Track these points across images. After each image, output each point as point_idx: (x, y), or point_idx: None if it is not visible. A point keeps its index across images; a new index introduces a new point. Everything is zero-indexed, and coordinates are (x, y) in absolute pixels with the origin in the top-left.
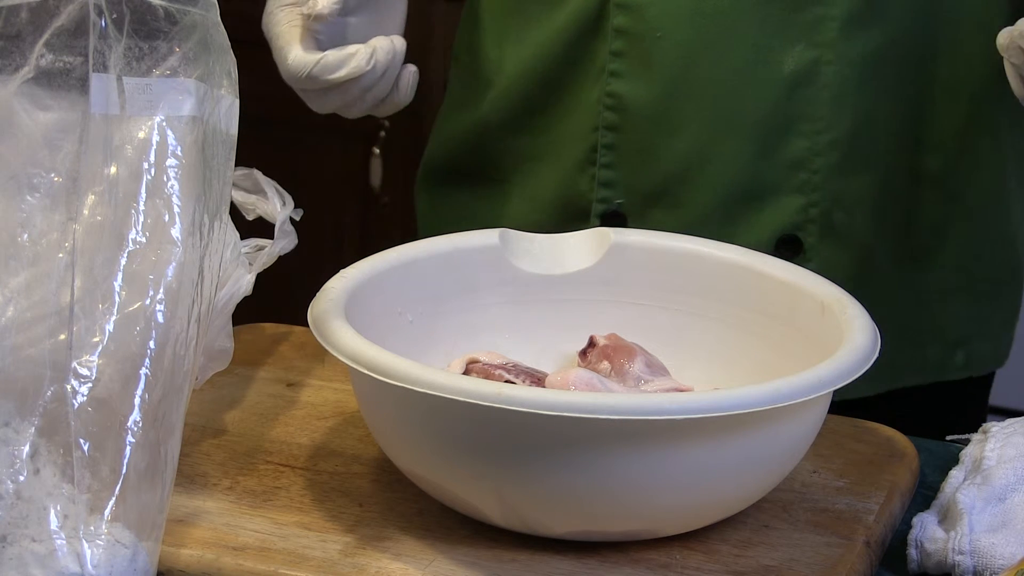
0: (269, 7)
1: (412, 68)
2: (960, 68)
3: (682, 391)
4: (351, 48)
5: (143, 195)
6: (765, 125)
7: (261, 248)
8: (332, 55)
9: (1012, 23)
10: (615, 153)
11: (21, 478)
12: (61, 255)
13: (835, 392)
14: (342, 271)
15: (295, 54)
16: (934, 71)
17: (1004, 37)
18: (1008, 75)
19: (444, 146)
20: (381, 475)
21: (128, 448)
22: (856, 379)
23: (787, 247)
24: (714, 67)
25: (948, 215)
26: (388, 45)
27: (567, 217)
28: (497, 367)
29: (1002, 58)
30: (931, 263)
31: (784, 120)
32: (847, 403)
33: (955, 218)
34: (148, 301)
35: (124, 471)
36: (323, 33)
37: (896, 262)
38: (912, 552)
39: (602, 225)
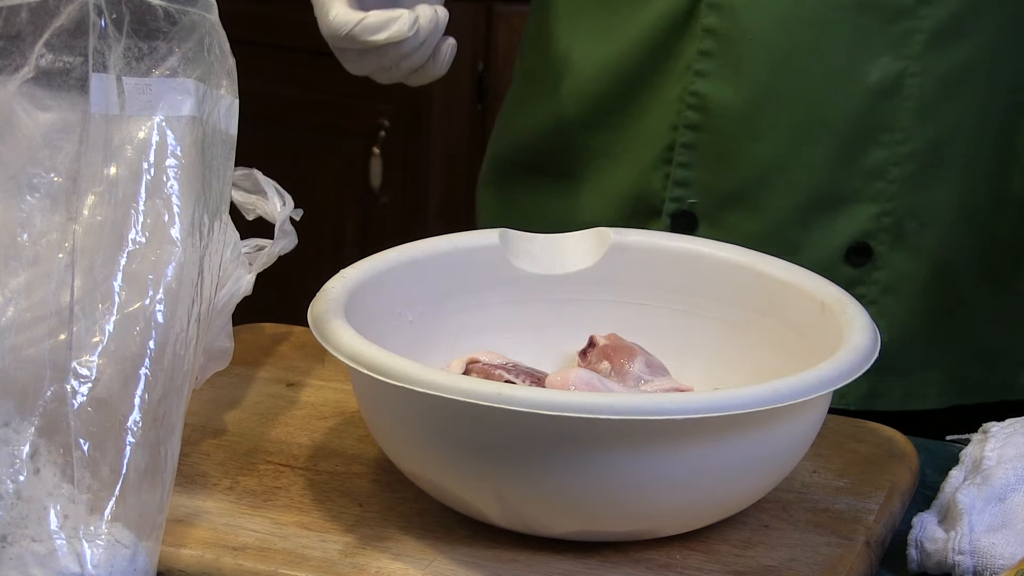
0: None
1: (451, 41)
2: None
3: (682, 391)
4: (395, 12)
5: (143, 195)
6: (847, 134)
7: (261, 248)
8: (375, 16)
9: None
10: (693, 153)
11: (21, 478)
12: (61, 255)
13: (898, 401)
14: (342, 271)
15: (337, 10)
16: (1022, 91)
17: None
18: None
19: (512, 142)
20: (381, 475)
21: (128, 448)
22: (923, 394)
23: (858, 254)
24: (804, 74)
25: None
26: (432, 13)
27: (637, 215)
28: (497, 367)
29: None
30: (1008, 283)
31: (866, 130)
32: (911, 414)
33: None
34: (148, 301)
35: (124, 471)
36: None
37: (974, 279)
38: (912, 552)
39: (672, 225)
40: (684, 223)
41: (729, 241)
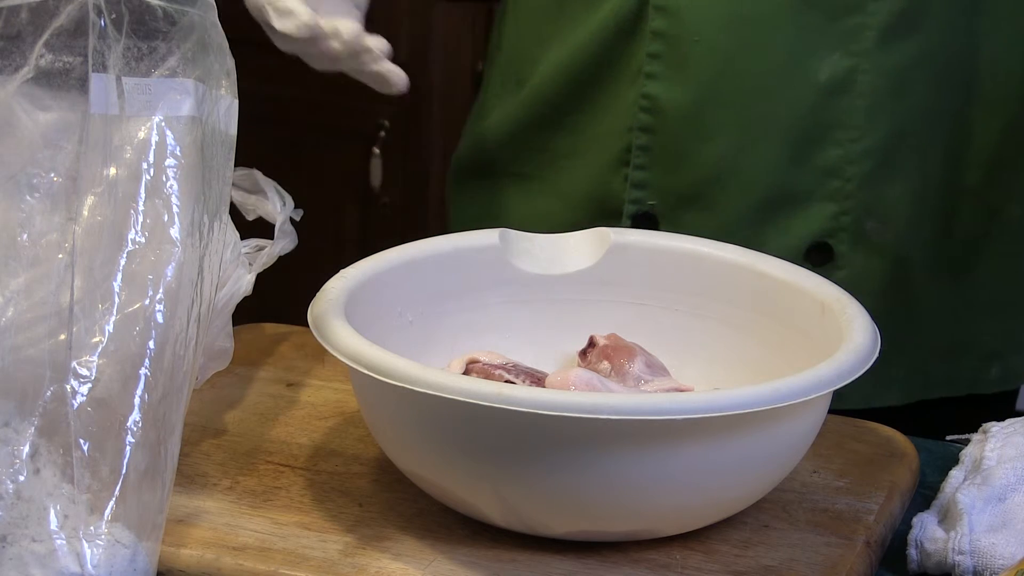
0: None
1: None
2: (1000, 83)
3: (682, 391)
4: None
5: (142, 195)
6: (799, 132)
7: (261, 248)
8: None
9: None
10: (648, 155)
11: (21, 478)
12: (61, 256)
13: (863, 399)
14: (342, 271)
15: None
16: (972, 85)
17: None
18: None
19: (476, 143)
20: (381, 475)
21: (128, 448)
22: (887, 390)
23: (818, 254)
24: (750, 72)
25: (986, 229)
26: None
27: (599, 216)
28: (497, 367)
29: None
30: (968, 276)
31: (818, 127)
32: (874, 411)
33: (993, 232)
34: (148, 301)
35: (124, 471)
36: None
37: (933, 274)
38: (912, 552)
39: (633, 226)
40: (644, 225)
41: None
